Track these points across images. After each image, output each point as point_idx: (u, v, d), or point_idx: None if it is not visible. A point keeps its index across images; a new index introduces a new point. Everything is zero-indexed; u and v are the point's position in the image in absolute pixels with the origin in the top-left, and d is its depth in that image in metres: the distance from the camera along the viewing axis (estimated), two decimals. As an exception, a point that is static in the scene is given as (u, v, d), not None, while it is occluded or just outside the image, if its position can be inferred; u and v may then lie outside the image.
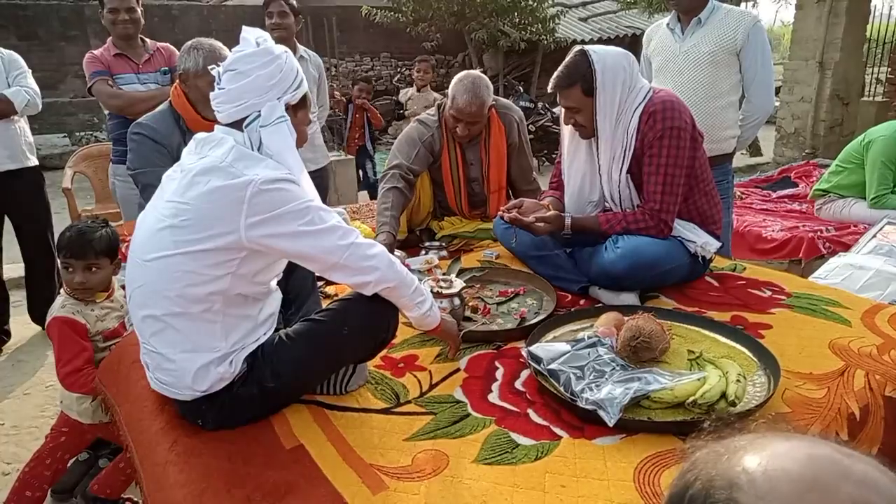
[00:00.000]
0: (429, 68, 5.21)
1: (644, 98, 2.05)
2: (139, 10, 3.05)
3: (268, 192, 1.30)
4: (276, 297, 1.57)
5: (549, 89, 2.12)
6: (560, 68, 2.08)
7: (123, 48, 3.06)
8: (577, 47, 2.10)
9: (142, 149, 2.24)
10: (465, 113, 2.50)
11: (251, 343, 1.44)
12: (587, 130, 2.12)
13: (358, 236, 1.43)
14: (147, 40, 3.15)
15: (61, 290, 1.96)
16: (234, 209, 1.29)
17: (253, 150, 1.38)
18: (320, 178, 3.16)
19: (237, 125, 1.40)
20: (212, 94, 1.42)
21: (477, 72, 2.68)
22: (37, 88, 3.19)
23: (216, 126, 1.45)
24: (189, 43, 2.23)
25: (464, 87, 2.49)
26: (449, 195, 2.78)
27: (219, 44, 2.23)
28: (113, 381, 1.75)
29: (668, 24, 2.74)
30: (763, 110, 2.67)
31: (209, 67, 1.48)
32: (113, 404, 1.69)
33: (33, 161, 3.26)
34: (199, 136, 1.44)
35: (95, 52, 3.06)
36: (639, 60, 2.56)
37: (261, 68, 1.38)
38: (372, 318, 1.53)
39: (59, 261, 1.87)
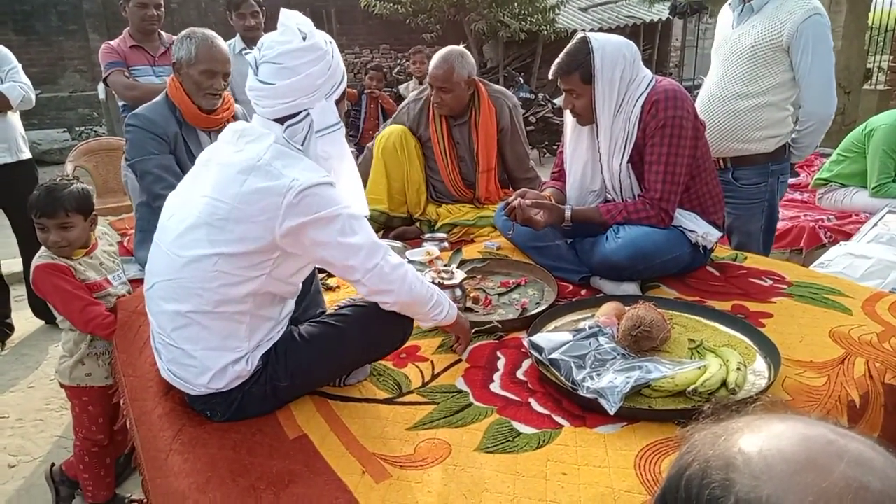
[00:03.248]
0: (424, 59, 5.05)
1: (646, 88, 2.05)
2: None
3: (305, 197, 1.29)
4: (295, 296, 1.58)
5: (550, 76, 2.13)
6: (561, 55, 2.09)
7: (141, 41, 3.06)
8: (580, 34, 2.11)
9: (137, 139, 2.25)
10: (433, 76, 2.63)
11: (267, 341, 1.44)
12: (584, 118, 2.13)
13: (385, 255, 1.41)
14: (163, 33, 3.16)
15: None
16: (272, 213, 1.28)
17: (291, 147, 1.35)
18: None
19: (279, 120, 1.37)
20: (250, 85, 1.38)
21: (459, 47, 2.75)
22: (29, 83, 3.20)
23: (255, 117, 1.42)
24: (183, 32, 2.24)
25: (438, 55, 2.65)
26: (442, 171, 2.83)
27: (212, 33, 2.23)
28: (124, 347, 1.76)
29: (730, 3, 2.51)
30: (816, 116, 2.37)
31: (243, 52, 1.46)
32: (119, 372, 1.70)
33: (27, 154, 3.27)
34: (237, 126, 1.42)
35: (112, 42, 3.07)
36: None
37: (311, 65, 1.34)
38: (388, 329, 1.54)
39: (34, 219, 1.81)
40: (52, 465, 2.09)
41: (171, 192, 1.48)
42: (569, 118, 2.24)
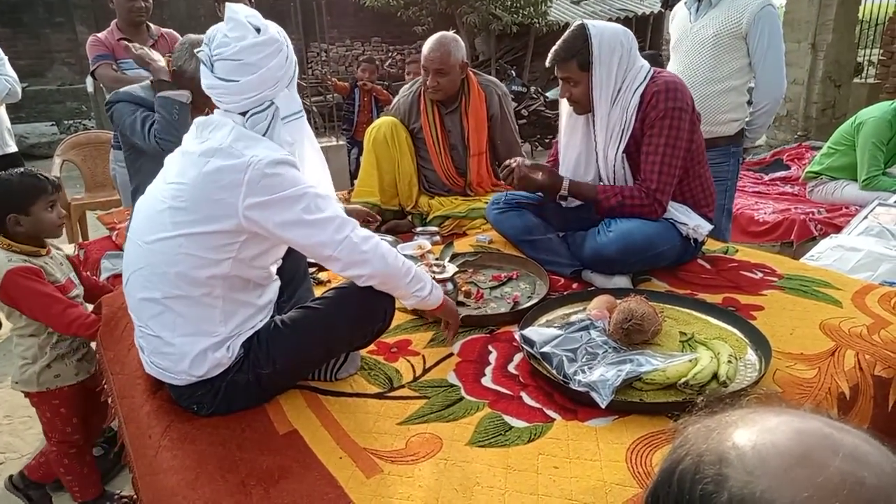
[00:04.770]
0: (419, 68, 4.84)
1: (645, 78, 2.05)
2: None
3: (267, 175, 1.29)
4: (276, 285, 1.56)
5: (548, 64, 2.12)
6: (558, 43, 2.09)
7: (129, 33, 3.02)
8: (578, 21, 2.10)
9: (122, 109, 2.21)
10: (428, 59, 2.64)
11: (248, 329, 1.43)
12: (582, 106, 2.12)
13: (354, 228, 1.41)
14: (152, 26, 3.12)
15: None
16: (233, 191, 1.28)
17: (253, 132, 1.37)
18: None
19: (242, 113, 1.38)
20: (208, 83, 1.38)
21: (450, 32, 2.77)
22: (16, 76, 3.16)
23: (216, 110, 1.43)
24: (192, 41, 2.14)
25: (431, 39, 2.67)
26: (434, 160, 2.83)
27: None
28: (110, 344, 1.74)
29: (685, 2, 2.74)
30: (770, 97, 2.63)
31: (196, 51, 1.45)
32: (106, 369, 1.68)
33: (13, 147, 3.24)
34: (199, 120, 1.43)
35: (99, 35, 3.03)
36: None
37: (270, 59, 1.36)
38: (368, 306, 1.52)
39: (36, 206, 1.79)
40: (10, 476, 2.02)
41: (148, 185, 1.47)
42: (564, 108, 2.23)
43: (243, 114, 1.38)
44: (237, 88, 1.35)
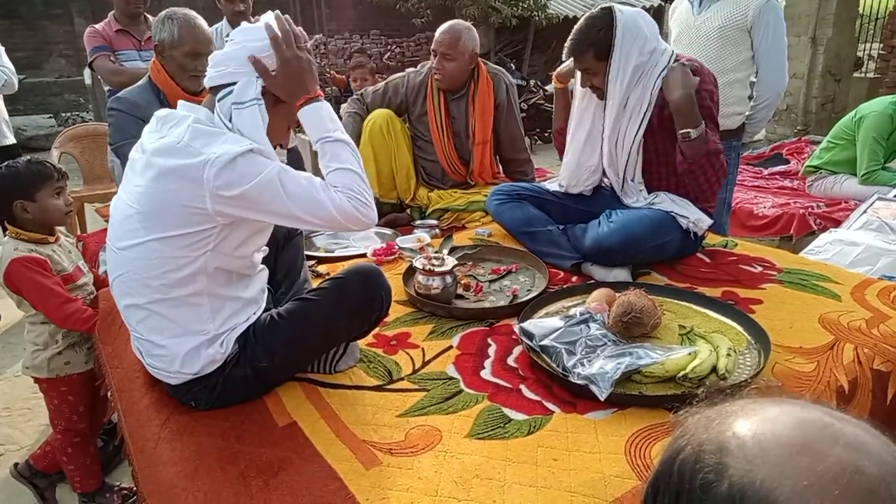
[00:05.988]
0: (367, 74, 4.15)
1: (669, 61, 2.04)
2: None
3: (224, 173, 1.24)
4: (263, 276, 1.55)
5: (564, 56, 2.11)
6: (574, 31, 2.05)
7: (126, 25, 3.02)
8: (606, 4, 2.06)
9: (120, 122, 2.21)
10: (437, 41, 2.64)
11: (242, 323, 1.42)
12: (604, 92, 2.10)
13: (328, 191, 1.36)
14: (149, 17, 3.11)
15: (6, 237, 1.84)
16: (195, 190, 1.25)
17: (216, 125, 1.33)
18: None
19: (215, 92, 1.37)
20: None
21: (466, 21, 2.78)
22: (12, 67, 3.15)
23: (179, 102, 1.40)
24: (163, 13, 2.19)
25: (444, 24, 2.68)
26: (437, 146, 2.81)
27: (193, 13, 2.20)
28: (109, 339, 1.74)
29: None
30: (773, 91, 2.65)
31: (225, 39, 1.45)
32: (104, 363, 1.69)
33: (11, 139, 3.23)
34: (160, 113, 1.39)
35: (97, 26, 3.02)
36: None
37: (250, 42, 1.37)
38: (365, 295, 1.52)
39: (42, 192, 1.80)
40: (15, 465, 2.04)
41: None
42: (578, 92, 2.22)
43: (216, 93, 1.36)
44: (214, 59, 1.38)
